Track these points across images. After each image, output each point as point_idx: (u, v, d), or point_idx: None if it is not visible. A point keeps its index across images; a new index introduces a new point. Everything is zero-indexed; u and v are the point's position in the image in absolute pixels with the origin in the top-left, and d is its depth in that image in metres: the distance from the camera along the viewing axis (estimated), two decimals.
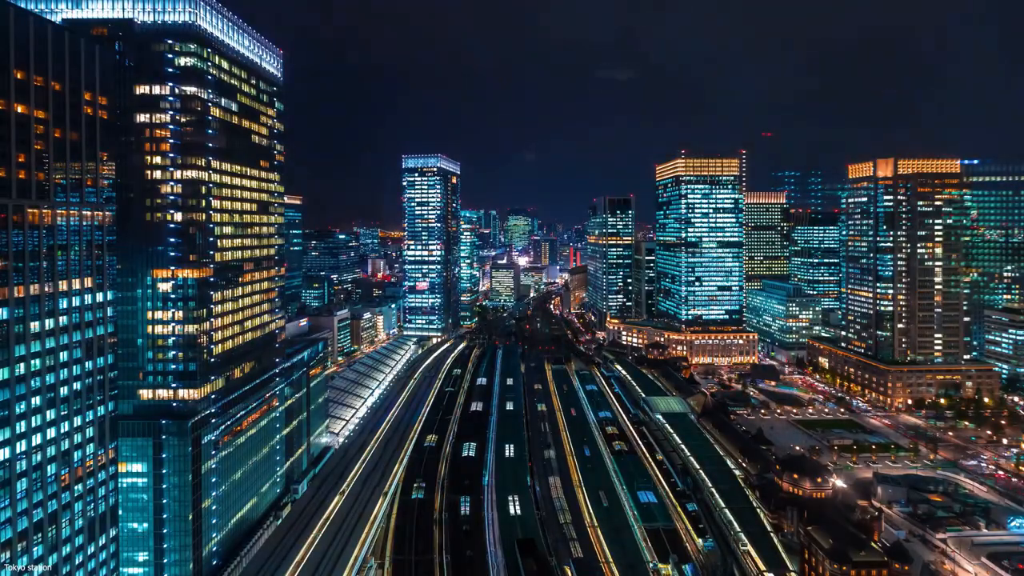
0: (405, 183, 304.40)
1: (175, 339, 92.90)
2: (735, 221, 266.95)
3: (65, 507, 72.08)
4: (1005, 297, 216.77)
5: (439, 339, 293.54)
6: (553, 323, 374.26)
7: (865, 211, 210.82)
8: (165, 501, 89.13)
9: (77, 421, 74.61)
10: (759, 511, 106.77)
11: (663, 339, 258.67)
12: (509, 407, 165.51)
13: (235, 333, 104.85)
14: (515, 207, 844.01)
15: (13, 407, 64.61)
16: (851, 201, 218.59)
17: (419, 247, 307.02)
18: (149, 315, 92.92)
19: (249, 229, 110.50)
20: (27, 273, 66.54)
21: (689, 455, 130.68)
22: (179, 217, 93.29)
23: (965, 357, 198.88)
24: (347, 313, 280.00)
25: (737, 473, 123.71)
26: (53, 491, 70.25)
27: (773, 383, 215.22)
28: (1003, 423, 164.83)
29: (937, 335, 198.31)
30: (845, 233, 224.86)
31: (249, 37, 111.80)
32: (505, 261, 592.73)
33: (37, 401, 68.19)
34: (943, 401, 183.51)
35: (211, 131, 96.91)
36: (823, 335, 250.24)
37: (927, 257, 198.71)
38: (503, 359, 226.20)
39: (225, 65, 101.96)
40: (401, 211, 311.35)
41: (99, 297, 78.25)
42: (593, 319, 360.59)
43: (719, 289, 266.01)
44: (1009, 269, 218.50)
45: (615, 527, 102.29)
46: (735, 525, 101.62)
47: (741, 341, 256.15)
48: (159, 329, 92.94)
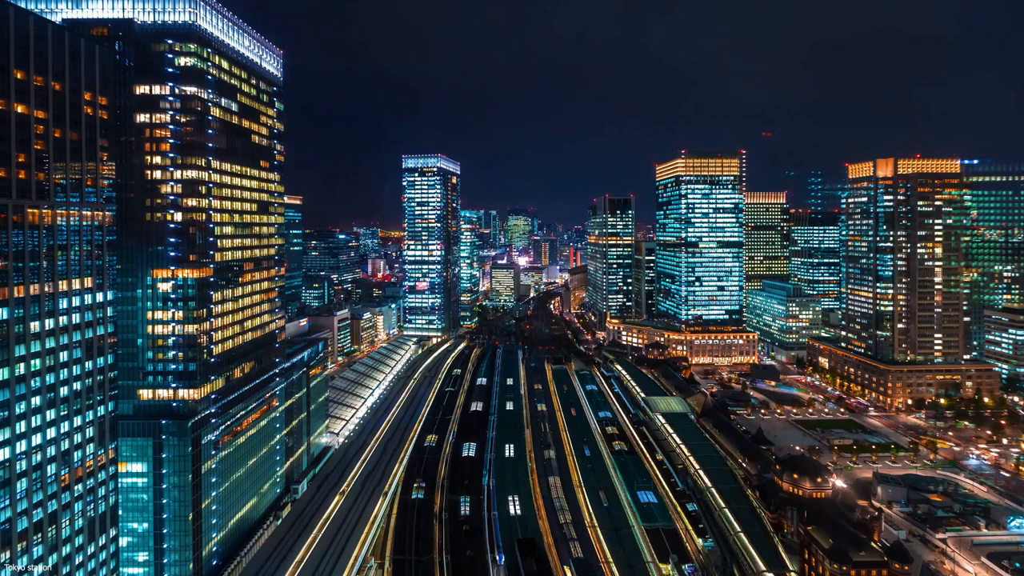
0: (405, 183, 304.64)
1: (175, 339, 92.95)
2: (735, 221, 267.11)
3: (65, 507, 72.09)
4: (1005, 297, 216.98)
5: (439, 339, 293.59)
6: (553, 323, 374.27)
7: (865, 211, 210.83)
8: (165, 501, 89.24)
9: (77, 421, 74.62)
10: (759, 511, 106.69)
11: (663, 339, 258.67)
12: (509, 407, 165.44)
13: (235, 333, 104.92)
14: (515, 207, 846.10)
15: (13, 407, 64.65)
16: (851, 201, 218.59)
17: (419, 247, 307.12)
18: (149, 315, 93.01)
19: (249, 229, 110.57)
20: (27, 273, 66.58)
21: (689, 455, 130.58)
22: (179, 217, 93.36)
23: (965, 357, 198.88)
24: (347, 313, 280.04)
25: (737, 473, 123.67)
26: (53, 491, 70.27)
27: (773, 383, 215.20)
28: (1003, 423, 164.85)
29: (937, 335, 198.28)
30: (845, 233, 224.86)
31: (249, 37, 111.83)
32: (505, 261, 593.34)
33: (37, 401, 68.22)
34: (943, 401, 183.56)
35: (211, 131, 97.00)
36: (823, 335, 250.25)
37: (927, 257, 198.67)
38: (503, 359, 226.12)
39: (225, 65, 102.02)
40: (401, 211, 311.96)
41: (99, 297, 78.28)
42: (593, 319, 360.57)
43: (719, 289, 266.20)
44: (1009, 269, 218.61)
45: (615, 527, 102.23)
46: (735, 525, 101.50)
47: (741, 341, 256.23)
48: (159, 329, 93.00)
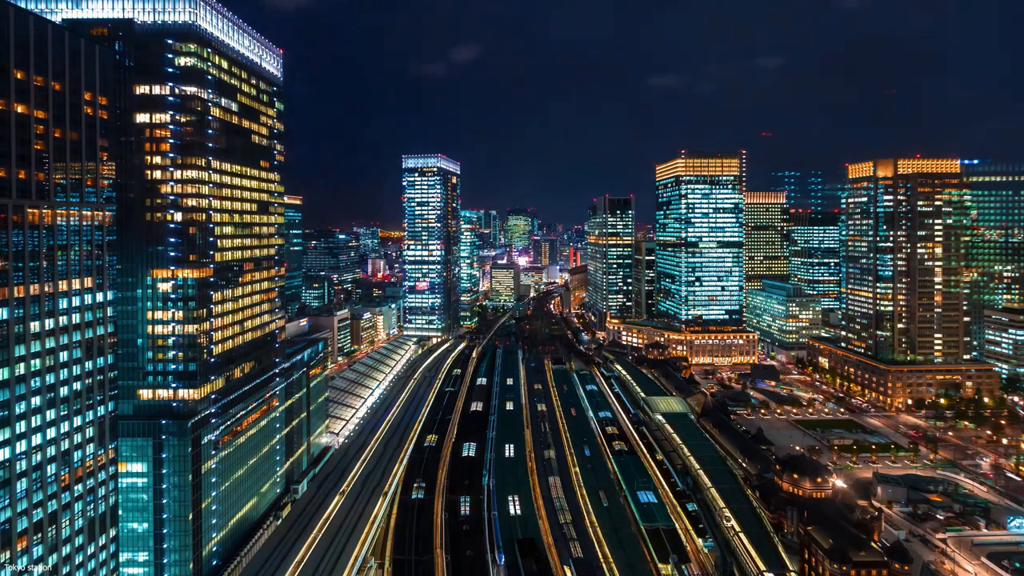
0: (405, 183, 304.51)
1: (175, 339, 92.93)
2: (735, 221, 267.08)
3: (65, 507, 72.02)
4: (1005, 297, 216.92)
5: (439, 339, 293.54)
6: (553, 323, 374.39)
7: (865, 211, 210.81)
8: (165, 501, 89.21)
9: (77, 421, 74.55)
10: (759, 511, 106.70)
11: (663, 339, 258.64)
12: (509, 407, 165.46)
13: (235, 333, 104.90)
14: (515, 207, 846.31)
15: (13, 407, 64.58)
16: (851, 201, 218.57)
17: (419, 247, 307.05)
18: (149, 315, 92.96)
19: (249, 229, 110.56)
20: (27, 273, 66.49)
21: (689, 455, 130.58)
22: (179, 217, 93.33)
23: (965, 357, 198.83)
24: (347, 313, 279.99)
25: (737, 473, 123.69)
26: (53, 491, 70.20)
27: (773, 383, 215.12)
28: (1003, 423, 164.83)
29: (937, 335, 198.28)
30: (845, 233, 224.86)
31: (249, 37, 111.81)
32: (505, 261, 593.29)
33: (37, 401, 68.14)
34: (943, 401, 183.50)
35: (211, 131, 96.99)
36: (823, 335, 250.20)
37: (927, 257, 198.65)
38: (503, 359, 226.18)
39: (225, 65, 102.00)
40: (401, 211, 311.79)
41: (99, 297, 78.20)
42: (593, 319, 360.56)
43: (719, 289, 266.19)
44: (1009, 269, 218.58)
45: (615, 527, 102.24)
46: (735, 525, 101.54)
47: (741, 341, 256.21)
48: (159, 329, 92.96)
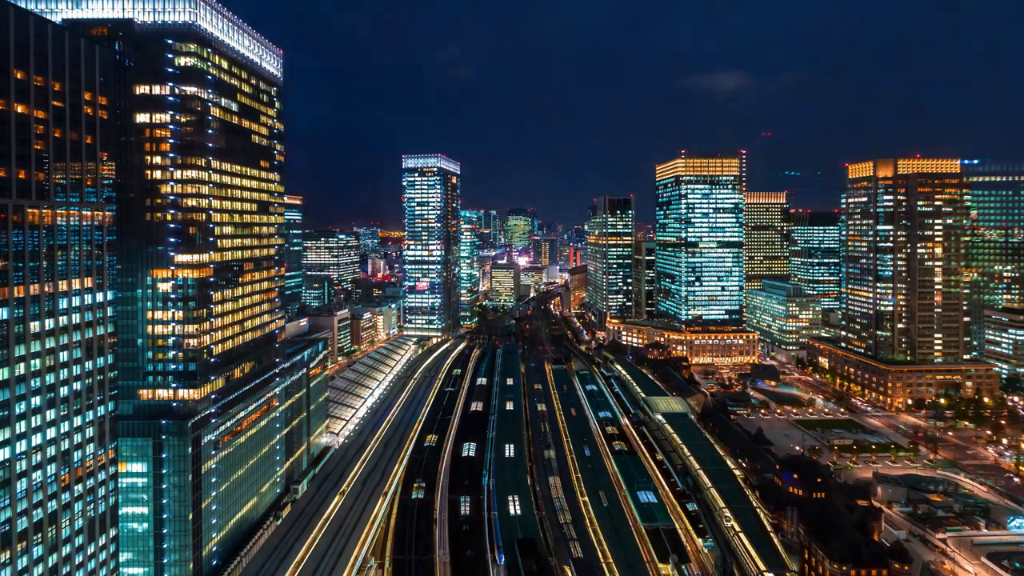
0: (405, 183, 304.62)
1: (175, 339, 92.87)
2: (735, 221, 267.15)
3: (65, 507, 72.00)
4: (1005, 297, 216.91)
5: (439, 339, 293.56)
6: (553, 323, 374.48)
7: (865, 211, 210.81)
8: (165, 501, 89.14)
9: (77, 421, 74.52)
10: (759, 511, 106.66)
11: (663, 339, 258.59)
12: (509, 407, 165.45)
13: (235, 333, 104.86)
14: (515, 207, 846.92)
15: (13, 407, 64.54)
16: (851, 201, 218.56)
17: (419, 247, 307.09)
18: (149, 315, 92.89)
19: (249, 229, 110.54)
20: (27, 273, 66.45)
21: (689, 455, 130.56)
22: (179, 217, 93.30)
23: (965, 357, 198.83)
24: (347, 313, 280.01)
25: (737, 473, 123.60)
26: (53, 491, 70.17)
27: (773, 383, 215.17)
28: (1003, 423, 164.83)
29: (937, 335, 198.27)
30: (845, 233, 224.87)
31: (249, 37, 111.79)
32: (505, 261, 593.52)
33: (37, 401, 68.10)
34: (943, 401, 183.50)
35: (211, 131, 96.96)
36: (823, 335, 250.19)
37: (927, 257, 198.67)
38: (503, 359, 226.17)
39: (225, 65, 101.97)
40: (401, 211, 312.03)
41: (99, 297, 78.18)
42: (593, 319, 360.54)
43: (719, 289, 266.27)
44: (1009, 269, 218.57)
45: (615, 527, 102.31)
46: (735, 525, 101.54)
47: (741, 341, 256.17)
48: (159, 329, 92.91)
